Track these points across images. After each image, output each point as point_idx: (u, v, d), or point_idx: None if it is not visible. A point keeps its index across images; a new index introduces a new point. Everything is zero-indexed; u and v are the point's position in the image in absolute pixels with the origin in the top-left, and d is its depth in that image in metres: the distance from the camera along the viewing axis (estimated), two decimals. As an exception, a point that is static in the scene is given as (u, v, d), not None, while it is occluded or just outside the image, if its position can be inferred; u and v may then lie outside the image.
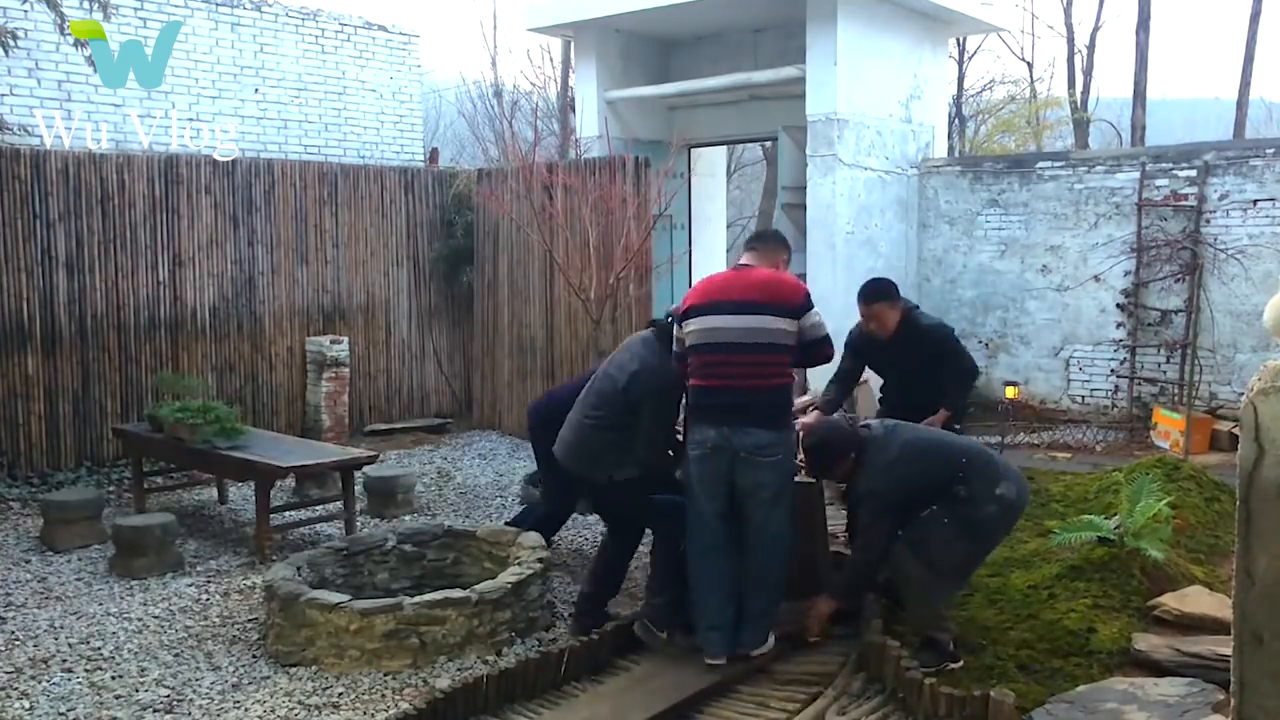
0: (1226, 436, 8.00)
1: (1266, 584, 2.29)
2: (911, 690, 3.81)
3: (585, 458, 4.58)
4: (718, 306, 4.21)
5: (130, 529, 5.81)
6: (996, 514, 4.20)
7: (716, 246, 12.39)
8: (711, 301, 4.24)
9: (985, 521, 4.19)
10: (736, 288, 4.24)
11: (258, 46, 9.94)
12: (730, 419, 4.12)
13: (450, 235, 10.25)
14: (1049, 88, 21.23)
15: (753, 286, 4.21)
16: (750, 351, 4.13)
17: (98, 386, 8.12)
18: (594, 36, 10.78)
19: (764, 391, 4.14)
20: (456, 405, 10.47)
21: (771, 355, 4.15)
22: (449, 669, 4.41)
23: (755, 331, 4.13)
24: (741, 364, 4.14)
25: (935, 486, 4.21)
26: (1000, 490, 4.18)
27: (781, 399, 4.25)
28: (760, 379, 4.14)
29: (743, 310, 4.15)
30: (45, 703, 4.19)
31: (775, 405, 4.19)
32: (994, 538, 4.35)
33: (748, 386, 4.12)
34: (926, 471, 4.24)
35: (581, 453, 4.59)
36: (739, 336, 4.14)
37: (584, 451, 4.58)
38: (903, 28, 10.11)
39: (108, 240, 8.17)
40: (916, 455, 4.28)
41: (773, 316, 4.14)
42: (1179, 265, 8.97)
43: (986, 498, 4.17)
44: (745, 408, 4.11)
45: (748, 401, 4.11)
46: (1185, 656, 4.05)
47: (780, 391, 4.22)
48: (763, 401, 4.13)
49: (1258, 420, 2.27)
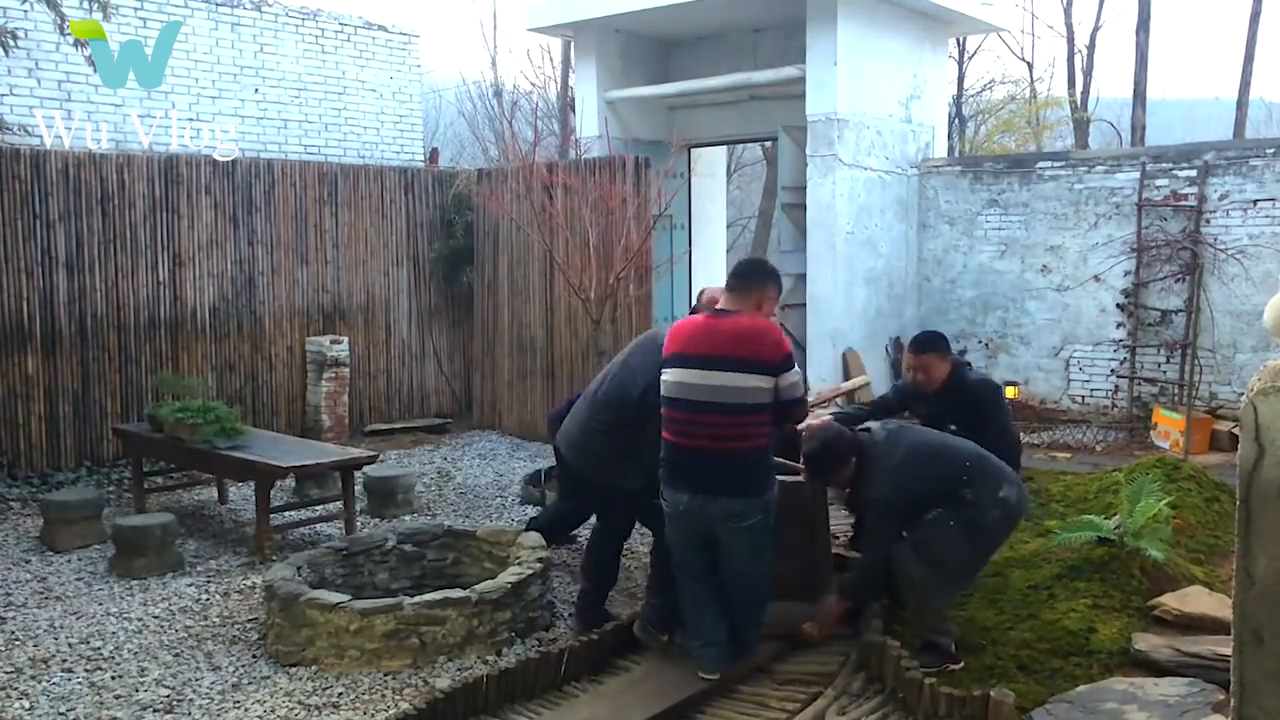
0: (1226, 436, 8.00)
1: (1266, 584, 2.29)
2: (911, 690, 3.81)
3: (590, 460, 4.54)
4: (688, 360, 3.89)
5: (130, 529, 5.81)
6: (1000, 518, 4.22)
7: (716, 246, 12.40)
8: (687, 354, 3.92)
9: (989, 525, 4.20)
10: (708, 339, 3.89)
11: (258, 46, 9.94)
12: (700, 485, 3.86)
13: (450, 235, 10.25)
14: (1049, 88, 21.24)
15: (730, 339, 3.84)
16: (719, 412, 3.81)
17: (98, 386, 8.12)
18: (594, 36, 10.78)
19: (736, 455, 3.83)
20: (456, 405, 10.47)
21: (743, 416, 3.82)
22: (449, 669, 4.41)
23: (725, 390, 3.80)
24: (712, 424, 3.82)
25: (940, 490, 4.21)
26: (1003, 494, 4.20)
27: (756, 462, 3.91)
28: (733, 441, 3.83)
29: (712, 366, 3.82)
30: (45, 703, 4.19)
31: (748, 469, 3.86)
32: (996, 540, 4.37)
33: (718, 449, 3.82)
34: (931, 475, 4.23)
35: (585, 454, 4.56)
36: (707, 395, 3.82)
37: (589, 454, 4.53)
38: (903, 28, 10.11)
39: (108, 240, 8.17)
40: (921, 459, 4.27)
41: (745, 374, 3.79)
42: (1179, 265, 8.97)
43: (990, 501, 4.18)
44: (716, 474, 3.83)
45: (719, 466, 3.83)
46: (1185, 656, 4.05)
47: (755, 454, 3.89)
48: (735, 466, 3.84)
49: (1258, 420, 2.27)
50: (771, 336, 3.91)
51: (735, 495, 3.86)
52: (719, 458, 3.85)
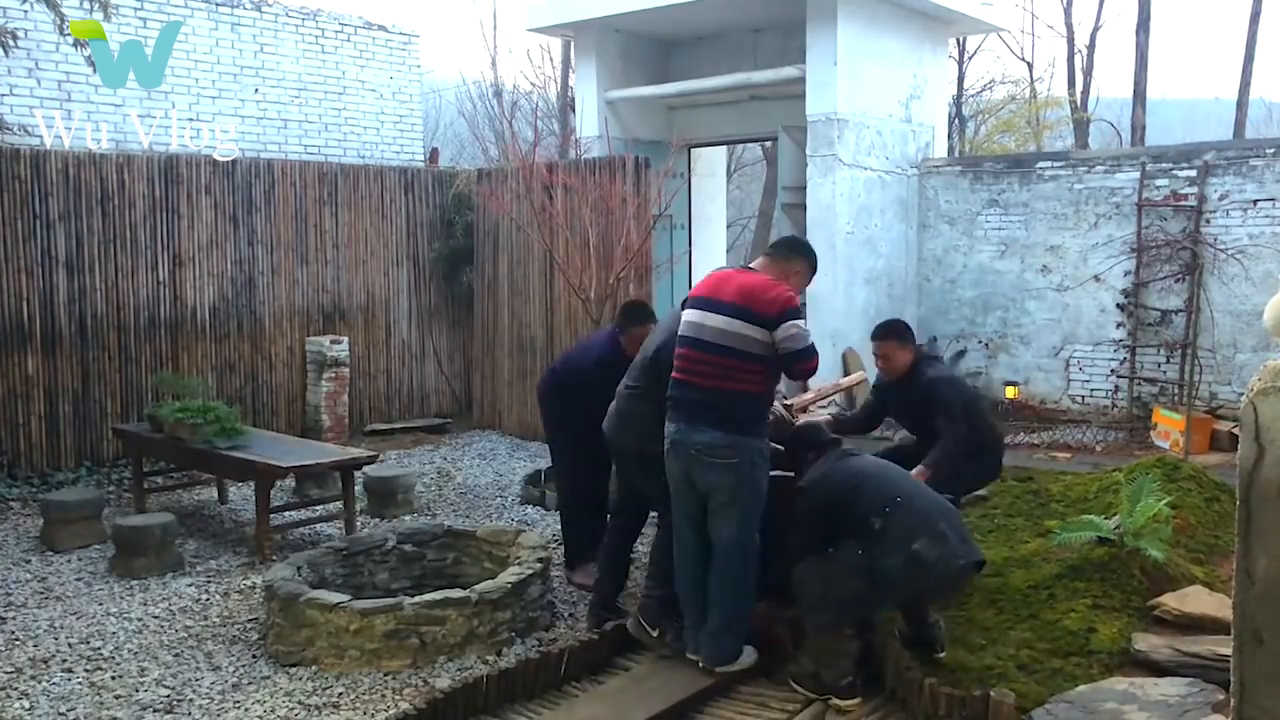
0: (1226, 436, 8.00)
1: (1266, 584, 2.29)
2: (911, 690, 3.81)
3: (621, 425, 4.57)
4: (703, 302, 4.21)
5: (130, 529, 5.81)
6: (901, 567, 3.84)
7: (716, 246, 12.40)
8: (700, 296, 4.25)
9: (888, 570, 3.85)
10: (722, 287, 4.20)
11: (258, 46, 9.94)
12: (689, 415, 4.11)
13: (450, 235, 10.25)
14: (1049, 88, 21.25)
15: (736, 289, 4.15)
16: (717, 353, 4.09)
17: (98, 386, 8.13)
18: (594, 36, 10.78)
19: (726, 394, 4.07)
20: (456, 405, 10.47)
21: (737, 360, 4.07)
22: (449, 669, 4.41)
23: (724, 334, 4.08)
24: (710, 363, 4.10)
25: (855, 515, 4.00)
26: (916, 546, 3.83)
27: (744, 405, 4.10)
28: (725, 381, 4.07)
29: (719, 310, 4.12)
30: (45, 703, 4.19)
31: (734, 409, 4.07)
32: (892, 591, 3.96)
33: (710, 386, 4.08)
34: (851, 497, 4.05)
35: (618, 421, 4.59)
36: (711, 335, 4.11)
37: (621, 420, 4.58)
38: (903, 28, 10.11)
39: (108, 240, 8.17)
40: (851, 477, 4.12)
41: (743, 322, 4.06)
42: (1179, 265, 8.97)
43: (898, 548, 3.85)
44: (704, 406, 4.08)
45: (708, 401, 4.08)
46: (1185, 656, 4.05)
47: (744, 397, 4.10)
48: (722, 404, 4.06)
49: (1258, 420, 2.28)
50: (774, 293, 4.11)
51: (715, 427, 4.04)
52: (708, 393, 4.09)
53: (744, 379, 4.09)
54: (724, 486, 4.08)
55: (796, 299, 4.25)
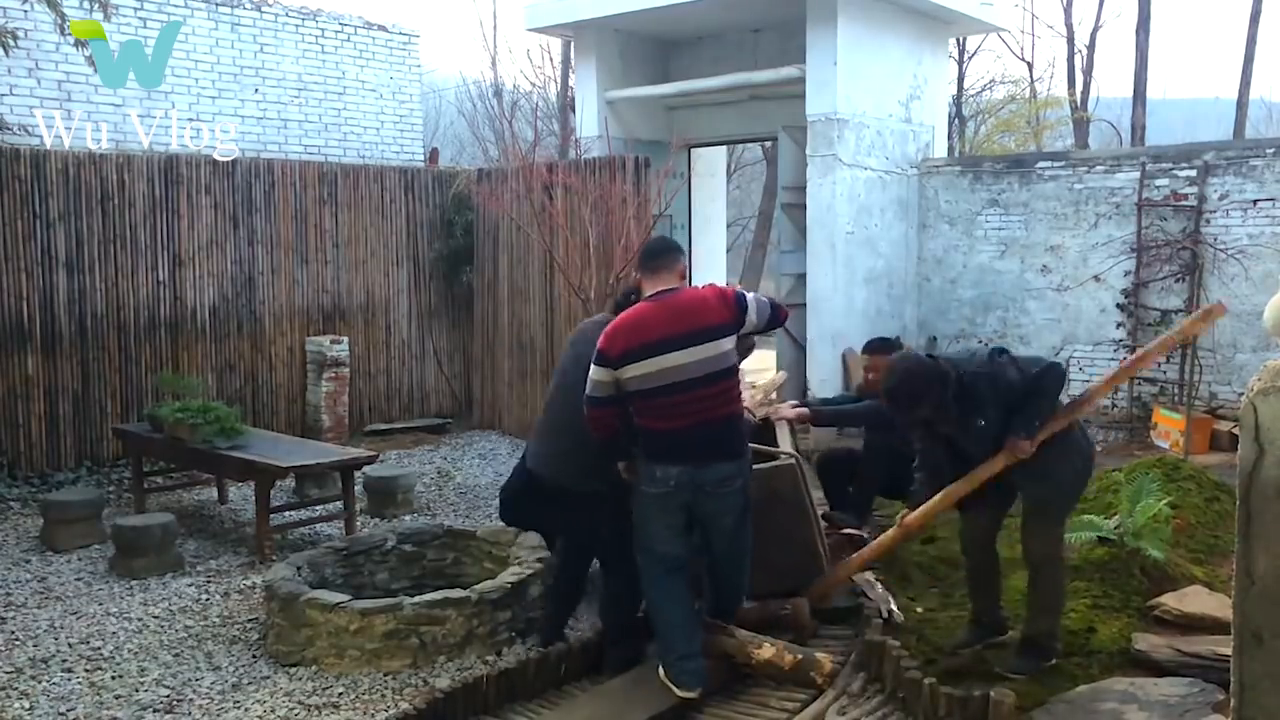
0: (1226, 436, 7.99)
1: (1266, 584, 2.29)
2: (911, 690, 3.81)
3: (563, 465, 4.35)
4: (668, 343, 3.91)
5: (130, 529, 5.81)
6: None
7: (716, 246, 12.40)
8: (659, 339, 3.92)
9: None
10: (672, 321, 3.95)
11: (258, 46, 9.94)
12: (694, 456, 3.94)
13: (450, 235, 10.25)
14: (1049, 88, 21.28)
15: (693, 312, 3.97)
16: (708, 384, 3.94)
17: (98, 386, 8.12)
18: (594, 36, 10.78)
19: (724, 421, 3.99)
20: (456, 405, 10.47)
21: (726, 381, 4.00)
22: (449, 669, 4.41)
23: (710, 361, 3.93)
24: (704, 398, 3.94)
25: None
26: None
27: (740, 425, 4.12)
28: (721, 407, 3.99)
29: (694, 340, 3.92)
30: (45, 703, 4.20)
31: (736, 432, 4.06)
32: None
33: (709, 419, 3.95)
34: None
35: (557, 461, 4.38)
36: (697, 370, 3.92)
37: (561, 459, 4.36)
38: (902, 28, 10.11)
39: (108, 240, 8.17)
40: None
41: (717, 341, 3.95)
42: (1179, 265, 8.97)
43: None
44: (709, 442, 3.96)
45: (712, 435, 3.96)
46: (1185, 656, 4.05)
47: (739, 417, 4.11)
48: (725, 433, 4.00)
49: (1258, 420, 2.28)
50: (717, 298, 4.06)
51: (727, 459, 3.99)
52: (711, 427, 3.97)
53: (735, 396, 4.07)
54: (735, 507, 4.07)
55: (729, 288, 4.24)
